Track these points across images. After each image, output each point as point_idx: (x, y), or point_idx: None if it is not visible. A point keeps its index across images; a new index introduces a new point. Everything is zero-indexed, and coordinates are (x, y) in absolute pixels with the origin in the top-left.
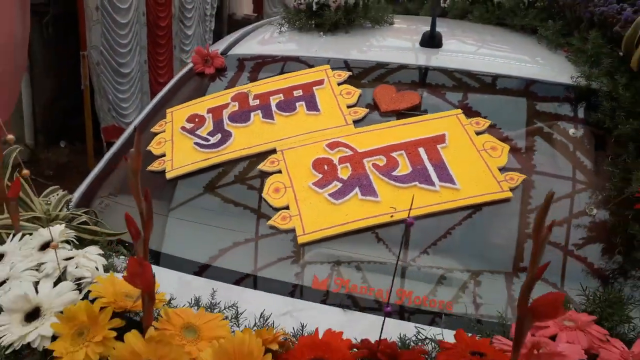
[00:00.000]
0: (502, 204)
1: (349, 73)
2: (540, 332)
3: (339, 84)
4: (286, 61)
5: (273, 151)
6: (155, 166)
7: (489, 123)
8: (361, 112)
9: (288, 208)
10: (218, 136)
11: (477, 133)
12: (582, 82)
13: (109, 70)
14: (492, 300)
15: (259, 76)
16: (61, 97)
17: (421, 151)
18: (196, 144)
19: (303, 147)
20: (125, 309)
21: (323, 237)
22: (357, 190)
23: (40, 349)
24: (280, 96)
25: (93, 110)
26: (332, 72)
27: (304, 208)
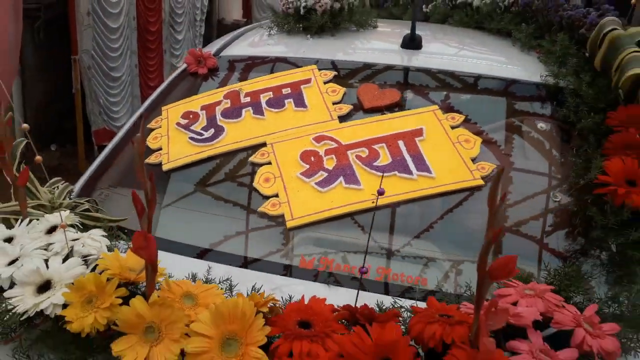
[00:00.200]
0: (474, 191)
1: (335, 73)
2: (503, 299)
3: (325, 83)
4: (275, 62)
5: (263, 144)
6: (152, 159)
7: (463, 118)
8: (345, 109)
9: (277, 196)
10: (211, 131)
11: (452, 127)
12: (551, 81)
13: (100, 74)
14: (463, 275)
15: (250, 76)
16: (52, 101)
17: (400, 144)
18: (191, 139)
19: (291, 141)
20: (129, 281)
21: (310, 222)
22: (342, 179)
23: (52, 316)
24: (270, 94)
25: (84, 113)
26: (319, 72)
27: (292, 196)
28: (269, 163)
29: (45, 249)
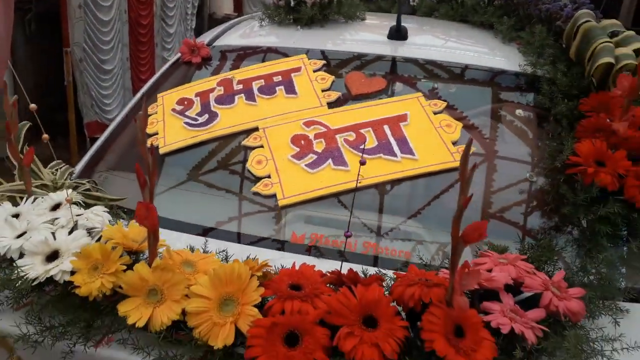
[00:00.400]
0: (455, 172)
1: (324, 62)
2: (479, 267)
3: (315, 71)
4: (267, 52)
5: (255, 129)
6: (149, 143)
7: (446, 104)
8: (334, 95)
9: (270, 177)
10: (205, 116)
11: (435, 113)
12: (529, 70)
13: (92, 66)
14: (442, 248)
15: (242, 64)
16: (44, 94)
17: (386, 128)
18: (186, 123)
19: (282, 125)
20: (131, 250)
21: (300, 201)
22: (330, 161)
23: (61, 282)
24: (261, 81)
25: (76, 106)
26: (309, 61)
27: (284, 176)
28: (261, 146)
29: (51, 223)
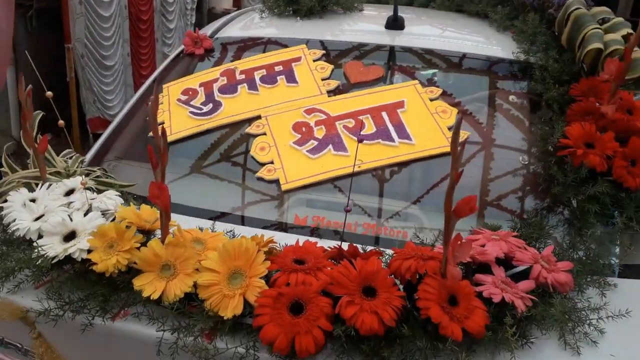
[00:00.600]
0: (449, 156)
1: (323, 51)
2: (473, 243)
3: (314, 61)
4: (267, 43)
5: (258, 117)
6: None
7: (441, 91)
8: (333, 84)
9: (272, 162)
10: (210, 106)
11: (431, 99)
12: (522, 57)
13: (93, 62)
14: (438, 227)
15: (244, 55)
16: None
17: (384, 114)
18: (191, 113)
19: (284, 113)
20: (144, 229)
21: (303, 185)
22: (330, 147)
23: (79, 259)
24: (263, 71)
25: (78, 102)
26: (309, 51)
27: (286, 162)
28: (264, 134)
29: (66, 207)
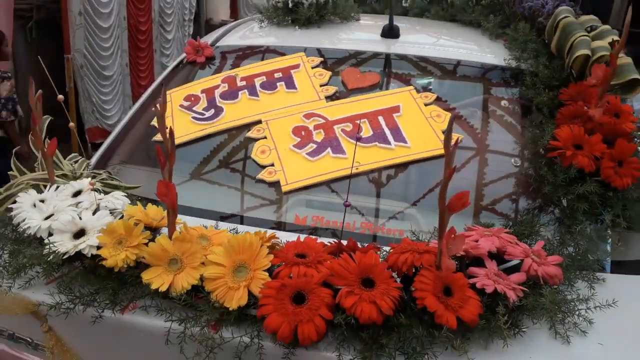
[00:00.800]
0: (443, 159)
1: (321, 59)
2: (467, 239)
3: (313, 68)
4: (267, 51)
5: (259, 122)
6: (159, 137)
7: (435, 96)
8: (331, 90)
9: (273, 165)
10: (212, 111)
11: (426, 104)
12: (513, 64)
13: (92, 73)
14: (432, 226)
15: (244, 63)
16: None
17: (380, 119)
18: (193, 118)
19: (284, 118)
20: (151, 226)
21: (302, 186)
22: (329, 149)
23: (89, 255)
24: (263, 78)
25: (77, 111)
26: (307, 58)
27: (286, 164)
28: (265, 137)
29: (75, 207)
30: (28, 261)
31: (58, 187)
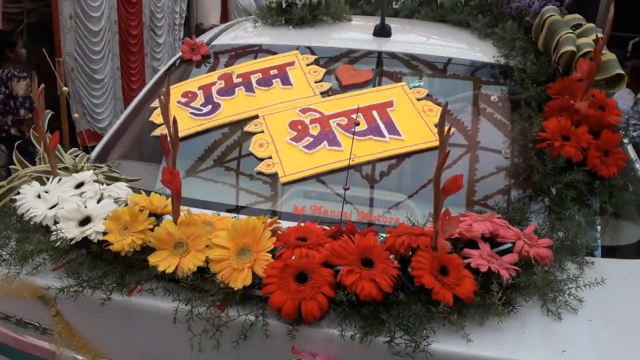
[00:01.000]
0: (437, 150)
1: (315, 56)
2: (461, 223)
3: (307, 65)
4: (262, 49)
5: (255, 117)
6: (158, 132)
7: (427, 92)
8: (326, 86)
9: (271, 158)
10: (209, 107)
11: (418, 99)
12: (502, 61)
13: (83, 76)
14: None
15: (239, 61)
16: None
17: (374, 113)
18: (191, 114)
19: (280, 113)
20: (155, 213)
21: (300, 178)
22: (325, 142)
23: (95, 241)
24: (259, 75)
25: (69, 115)
26: (301, 56)
27: (284, 157)
28: (262, 132)
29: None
30: (35, 248)
31: (60, 180)
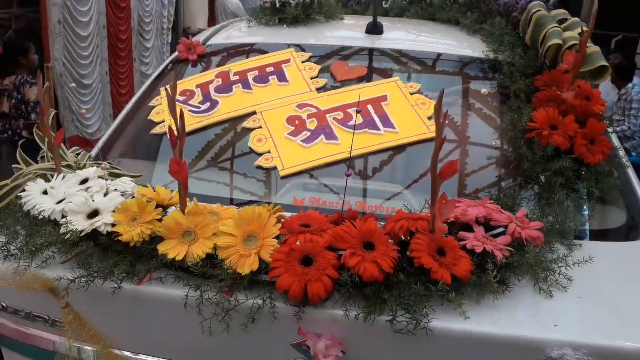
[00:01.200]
0: (430, 142)
1: (310, 54)
2: (457, 209)
3: (303, 62)
4: (257, 48)
5: (253, 113)
6: (157, 130)
7: (420, 86)
8: (322, 82)
9: (270, 152)
10: (207, 104)
11: (412, 93)
12: (491, 55)
13: (72, 81)
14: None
15: (235, 60)
16: None
17: (369, 107)
18: (190, 111)
19: (278, 109)
20: (162, 204)
21: (299, 171)
22: (323, 136)
23: (104, 233)
24: (255, 72)
25: (57, 120)
26: (297, 54)
27: (283, 151)
28: (260, 127)
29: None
30: (45, 241)
31: (65, 177)
